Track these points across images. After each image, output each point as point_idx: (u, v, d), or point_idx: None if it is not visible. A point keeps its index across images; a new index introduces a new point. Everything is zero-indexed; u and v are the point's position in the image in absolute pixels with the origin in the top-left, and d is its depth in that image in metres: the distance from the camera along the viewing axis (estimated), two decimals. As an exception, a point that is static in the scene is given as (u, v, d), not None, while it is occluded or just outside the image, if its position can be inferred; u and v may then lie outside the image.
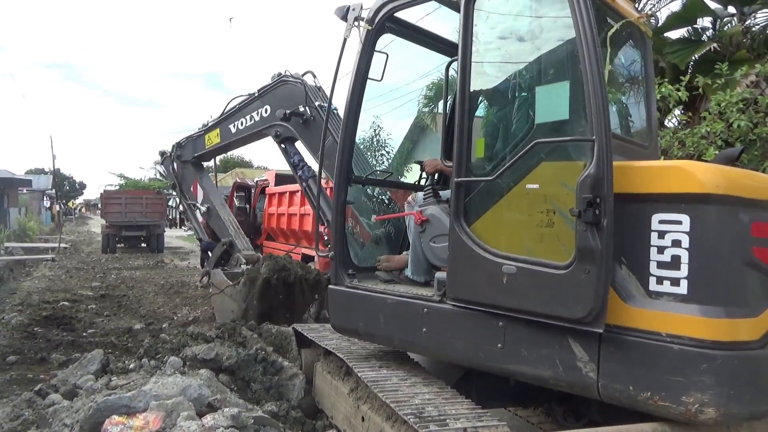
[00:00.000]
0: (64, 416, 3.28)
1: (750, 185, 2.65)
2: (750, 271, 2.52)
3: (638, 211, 2.62)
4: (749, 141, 6.61)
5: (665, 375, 2.47)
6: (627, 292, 2.62)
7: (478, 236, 3.13)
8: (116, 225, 21.97)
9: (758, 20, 9.11)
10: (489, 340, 3.09)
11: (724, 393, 2.38)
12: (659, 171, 2.68)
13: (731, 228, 2.50)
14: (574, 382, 2.77)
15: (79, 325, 8.28)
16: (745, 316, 2.48)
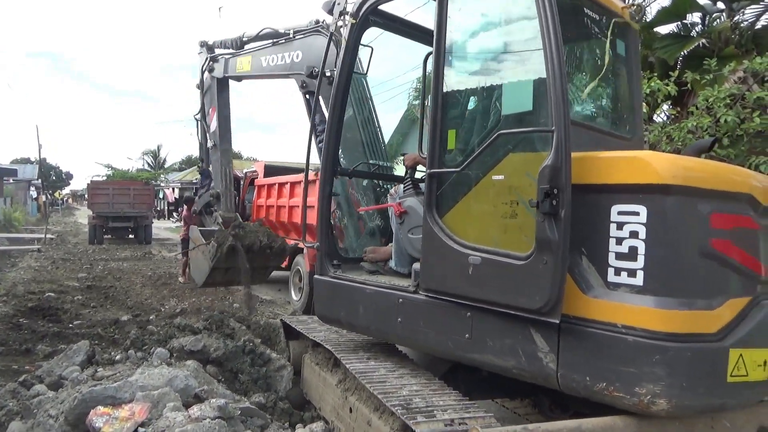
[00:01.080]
0: (49, 407, 3.25)
1: (710, 176, 2.61)
2: (709, 262, 2.50)
3: (598, 202, 2.62)
4: (736, 136, 6.67)
5: (620, 366, 2.47)
6: (586, 283, 2.63)
7: (449, 227, 3.18)
8: (103, 216, 21.73)
9: (747, 16, 9.19)
10: (458, 330, 3.13)
11: (676, 385, 2.39)
12: (618, 162, 2.65)
13: (689, 219, 2.48)
14: (535, 373, 2.79)
15: (65, 316, 8.19)
16: (701, 308, 2.46)
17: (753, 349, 2.51)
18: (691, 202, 2.49)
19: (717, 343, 2.46)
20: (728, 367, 2.45)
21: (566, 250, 2.55)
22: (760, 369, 2.54)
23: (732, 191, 2.60)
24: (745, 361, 2.49)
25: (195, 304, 9.32)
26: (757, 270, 2.62)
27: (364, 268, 4.25)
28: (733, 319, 2.51)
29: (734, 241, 2.54)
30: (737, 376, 2.47)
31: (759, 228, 2.64)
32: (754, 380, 2.52)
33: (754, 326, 2.53)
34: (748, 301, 2.57)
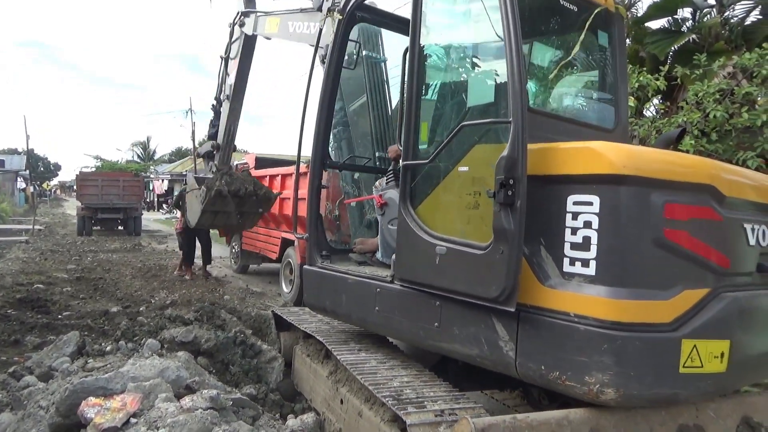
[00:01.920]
0: (40, 398, 3.24)
1: (665, 166, 2.58)
2: (662, 253, 2.48)
3: (556, 193, 2.63)
4: (725, 131, 6.74)
5: (572, 355, 2.49)
6: (544, 273, 2.65)
7: (421, 218, 3.25)
8: (92, 207, 21.55)
9: (737, 12, 9.26)
10: (428, 319, 3.20)
11: (623, 374, 2.39)
12: (573, 152, 2.66)
13: (641, 209, 2.47)
14: (496, 361, 2.84)
15: (54, 308, 8.13)
16: (653, 298, 2.46)
17: (709, 341, 2.50)
18: (644, 192, 2.47)
19: (669, 334, 2.45)
20: (681, 357, 2.45)
21: (521, 240, 2.58)
22: (716, 361, 2.53)
23: (690, 182, 2.58)
24: (699, 352, 2.48)
25: (185, 295, 9.29)
26: (718, 262, 2.60)
27: (352, 260, 4.33)
28: (689, 310, 2.50)
29: (692, 232, 2.53)
30: (690, 367, 2.47)
31: (722, 220, 2.61)
32: (710, 372, 2.51)
33: (711, 318, 2.52)
34: (706, 292, 2.55)
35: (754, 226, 2.78)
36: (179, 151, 64.43)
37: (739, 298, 2.65)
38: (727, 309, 2.56)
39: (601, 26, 3.73)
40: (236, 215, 8.41)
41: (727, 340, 2.54)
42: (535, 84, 3.90)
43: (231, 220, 8.57)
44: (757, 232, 2.79)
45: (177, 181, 44.79)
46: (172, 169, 49.46)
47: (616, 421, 2.58)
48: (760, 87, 6.61)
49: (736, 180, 2.81)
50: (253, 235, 12.09)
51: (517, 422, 2.42)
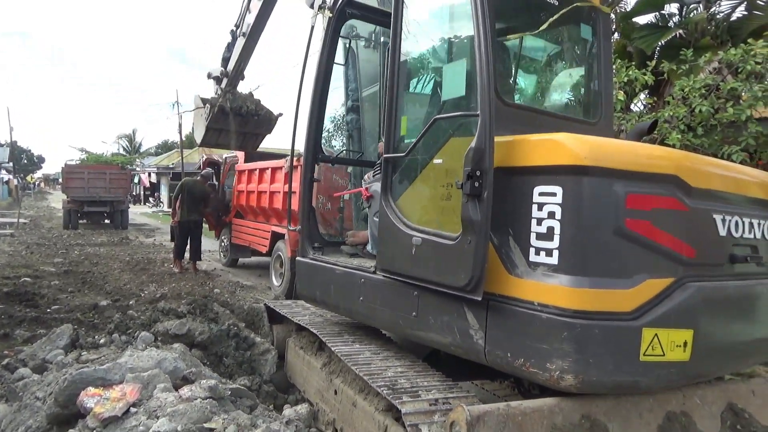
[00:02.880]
0: (36, 389, 3.26)
1: (627, 157, 2.60)
2: (624, 243, 2.50)
3: (524, 184, 2.68)
4: (710, 126, 6.84)
5: (535, 342, 2.55)
6: (512, 263, 2.71)
7: (400, 210, 3.34)
8: (78, 200, 21.34)
9: (722, 8, 9.37)
10: (407, 308, 3.28)
11: (582, 361, 2.43)
12: (538, 144, 2.70)
13: (602, 199, 2.49)
14: (468, 349, 2.92)
15: (43, 301, 8.09)
16: (614, 287, 2.48)
17: (671, 330, 2.53)
18: (605, 183, 2.49)
19: (629, 322, 2.48)
20: (641, 346, 2.47)
21: (488, 230, 2.65)
22: (679, 349, 2.55)
23: (654, 172, 2.60)
24: (661, 340, 2.51)
25: (175, 289, 9.28)
26: (683, 252, 2.61)
27: (343, 252, 4.43)
28: (652, 299, 2.52)
29: (654, 222, 2.54)
30: (651, 356, 2.49)
31: (688, 210, 2.62)
32: (673, 360, 2.54)
33: (673, 307, 2.54)
34: (670, 282, 2.57)
35: (725, 217, 2.79)
36: (166, 144, 63.85)
37: (706, 288, 2.67)
38: (691, 298, 2.58)
39: (584, 20, 3.77)
40: (239, 135, 9.07)
41: (690, 329, 2.57)
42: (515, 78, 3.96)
43: (234, 139, 9.12)
44: (729, 223, 2.81)
45: (164, 174, 44.45)
46: (158, 162, 49.00)
47: (607, 408, 2.65)
48: (745, 82, 6.70)
49: (705, 170, 2.83)
50: (242, 229, 12.07)
51: (511, 409, 2.48)
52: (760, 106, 6.44)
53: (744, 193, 2.98)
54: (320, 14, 4.37)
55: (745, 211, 2.92)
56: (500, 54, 3.86)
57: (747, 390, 3.11)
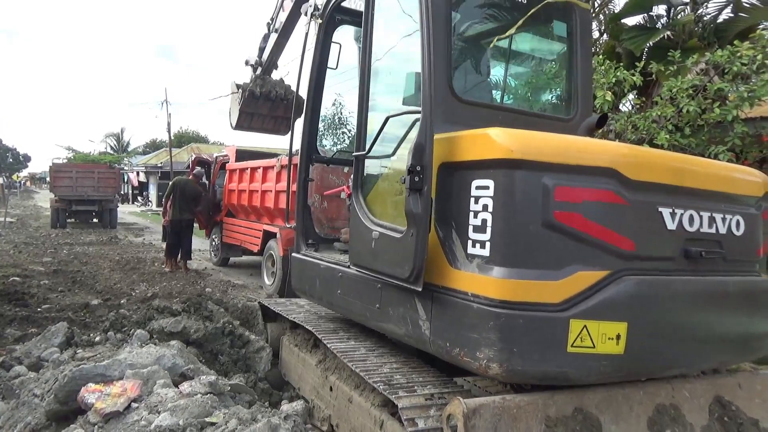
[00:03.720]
0: (33, 387, 3.27)
1: (558, 151, 2.61)
2: (553, 234, 2.52)
3: (464, 178, 2.74)
4: (697, 126, 6.95)
5: (467, 332, 2.62)
6: (453, 255, 2.77)
7: (365, 206, 3.47)
8: (66, 199, 21.19)
9: (709, 10, 9.49)
10: (372, 300, 3.40)
11: (506, 350, 2.47)
12: (474, 139, 2.75)
13: (531, 192, 2.52)
14: (417, 339, 3.01)
15: (33, 301, 8.04)
16: (542, 278, 2.50)
17: (602, 322, 2.52)
18: (535, 176, 2.51)
19: (556, 313, 2.49)
20: (569, 337, 2.48)
21: (427, 223, 2.74)
22: (611, 342, 2.54)
23: (588, 165, 2.60)
24: (590, 332, 2.50)
25: (166, 288, 9.27)
26: (620, 245, 2.61)
27: (336, 248, 4.53)
28: (583, 291, 2.52)
29: (586, 215, 2.54)
30: (580, 347, 2.50)
31: (627, 203, 2.61)
32: (605, 353, 2.53)
33: (605, 299, 2.54)
34: (605, 274, 2.57)
35: (676, 210, 2.77)
36: (154, 143, 63.46)
37: (646, 282, 2.67)
38: (625, 291, 2.58)
39: (558, 17, 3.82)
40: (271, 119, 9.63)
41: (623, 322, 2.56)
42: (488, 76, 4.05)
43: (266, 123, 9.67)
44: (681, 217, 2.78)
45: (152, 173, 44.20)
46: (146, 161, 48.73)
47: (598, 400, 2.72)
48: (731, 83, 6.82)
49: (648, 164, 2.79)
50: (233, 228, 12.06)
51: (506, 402, 2.53)
52: (746, 106, 6.56)
53: (703, 186, 2.92)
54: (312, 21, 4.50)
55: (704, 205, 2.88)
56: (464, 51, 3.98)
57: (734, 383, 3.18)
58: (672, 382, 2.97)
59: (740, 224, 3.02)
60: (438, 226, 2.82)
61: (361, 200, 3.52)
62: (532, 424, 2.54)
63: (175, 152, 37.84)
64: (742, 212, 3.05)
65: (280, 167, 9.74)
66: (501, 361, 2.48)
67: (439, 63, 2.99)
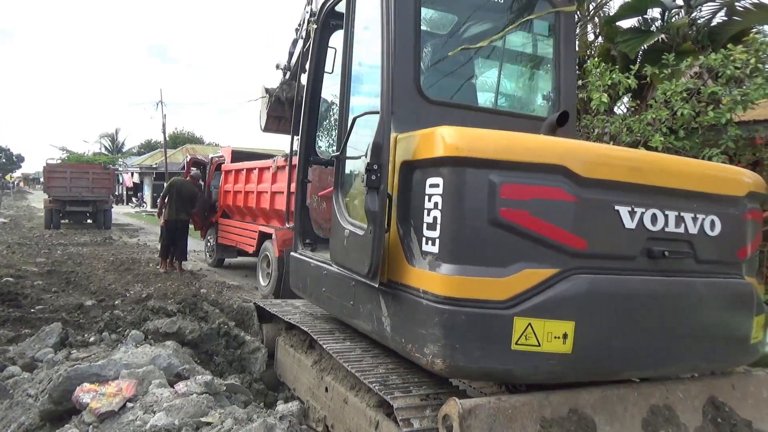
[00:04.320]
0: (27, 387, 3.25)
1: (505, 148, 2.58)
2: (499, 232, 2.50)
3: (421, 176, 2.77)
4: (691, 129, 6.99)
5: (417, 328, 2.65)
6: (410, 253, 2.80)
7: (345, 205, 3.56)
8: (60, 200, 21.12)
9: (703, 13, 9.55)
10: (347, 297, 3.47)
11: (449, 346, 2.48)
12: (426, 137, 2.76)
13: (477, 189, 2.51)
14: (381, 334, 3.07)
15: (26, 301, 7.99)
16: (487, 275, 2.49)
17: (549, 321, 2.50)
18: (481, 173, 2.50)
19: (500, 311, 2.47)
20: (513, 334, 2.46)
21: (383, 220, 2.79)
22: (558, 341, 2.51)
23: (536, 162, 2.57)
24: (535, 331, 2.48)
25: (160, 289, 9.23)
26: (569, 242, 2.57)
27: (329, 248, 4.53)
28: (530, 289, 2.51)
29: (533, 212, 2.52)
30: (524, 345, 2.48)
31: (577, 200, 2.57)
32: (551, 351, 2.50)
33: (551, 297, 2.51)
34: (554, 272, 2.54)
35: (635, 209, 2.70)
36: (149, 144, 63.30)
37: (598, 281, 2.62)
38: (573, 290, 2.54)
39: (540, 18, 3.84)
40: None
41: (571, 321, 2.52)
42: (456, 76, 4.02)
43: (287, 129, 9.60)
44: (642, 216, 2.72)
45: (147, 174, 44.07)
46: (141, 162, 48.60)
47: (594, 401, 2.73)
48: (725, 87, 6.86)
49: (603, 161, 2.74)
50: (228, 229, 12.04)
51: (502, 403, 2.54)
52: (739, 110, 6.60)
53: (669, 185, 2.84)
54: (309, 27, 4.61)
55: (670, 204, 2.81)
56: (439, 51, 4.01)
57: (727, 384, 3.20)
58: (666, 383, 2.99)
59: (715, 224, 2.93)
60: (399, 224, 2.87)
61: (339, 199, 3.61)
62: (527, 425, 2.55)
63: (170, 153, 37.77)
64: (719, 212, 2.95)
65: (275, 168, 9.74)
66: (444, 357, 2.50)
67: (402, 62, 3.05)
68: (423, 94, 3.21)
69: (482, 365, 2.51)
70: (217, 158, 13.27)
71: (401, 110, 3.04)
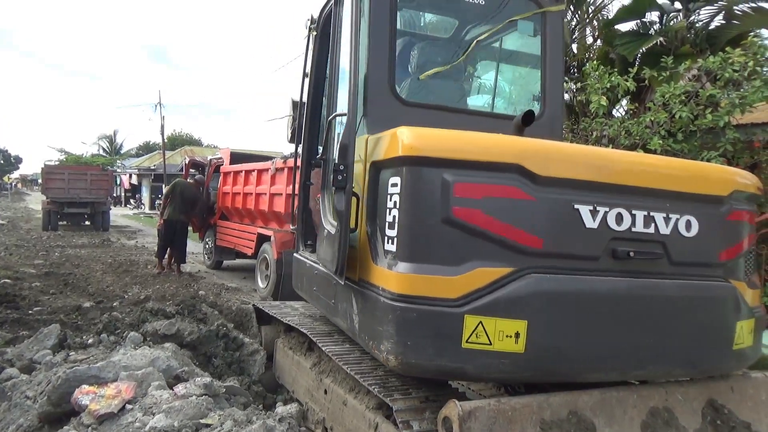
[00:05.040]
0: (26, 389, 3.24)
1: (459, 147, 2.58)
2: (452, 230, 2.50)
3: (384, 176, 2.81)
4: (690, 132, 7.01)
5: (376, 325, 2.68)
6: (375, 251, 2.83)
7: (325, 205, 3.64)
8: (58, 201, 21.08)
9: (702, 17, 9.58)
10: (330, 295, 3.51)
11: (401, 343, 2.51)
12: (388, 138, 2.79)
13: (431, 188, 2.52)
14: (353, 332, 3.11)
15: (24, 303, 7.97)
16: (439, 273, 2.49)
17: (500, 319, 2.48)
18: (435, 172, 2.51)
19: (450, 309, 2.47)
20: (464, 333, 2.46)
21: (348, 219, 2.85)
22: (510, 340, 2.48)
23: (491, 161, 2.56)
24: (486, 329, 2.47)
25: (159, 291, 9.22)
26: (524, 241, 2.55)
27: None
28: (482, 288, 2.49)
29: (486, 211, 2.51)
30: (475, 343, 2.47)
31: (533, 199, 2.55)
32: (503, 350, 2.48)
33: (504, 296, 2.49)
34: (507, 271, 2.52)
35: (598, 208, 2.63)
36: (147, 145, 63.27)
37: (553, 281, 2.58)
38: (525, 289, 2.52)
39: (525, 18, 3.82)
40: None
41: (523, 320, 2.49)
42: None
43: None
44: (605, 215, 2.65)
45: (145, 175, 44.03)
46: (139, 163, 48.55)
47: (593, 403, 2.73)
48: (723, 90, 6.88)
49: (561, 160, 2.69)
50: (227, 231, 12.03)
51: (501, 405, 2.53)
52: (737, 113, 6.61)
53: (637, 184, 2.76)
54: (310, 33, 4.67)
55: (639, 203, 2.73)
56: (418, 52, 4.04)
57: (726, 386, 3.20)
58: (665, 386, 2.99)
59: (692, 225, 2.82)
60: (368, 223, 2.91)
61: (324, 200, 3.71)
62: (527, 427, 2.54)
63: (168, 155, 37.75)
64: (696, 212, 2.84)
65: (274, 170, 9.73)
66: (397, 354, 2.53)
67: (377, 64, 3.13)
68: (397, 95, 3.24)
69: (434, 362, 2.52)
70: (216, 160, 13.26)
71: (376, 111, 3.11)
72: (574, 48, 11.11)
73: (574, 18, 11.23)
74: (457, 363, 2.51)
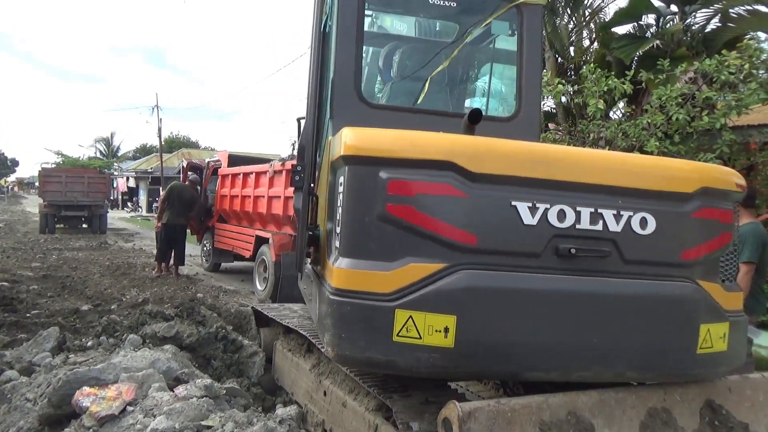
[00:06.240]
0: (25, 391, 3.24)
1: (394, 145, 2.61)
2: (386, 227, 2.55)
3: (337, 176, 2.87)
4: (686, 134, 7.04)
5: (323, 318, 2.75)
6: (330, 249, 2.92)
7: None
8: (55, 204, 21.04)
9: (698, 19, 9.63)
10: (312, 293, 3.59)
11: (337, 335, 2.58)
12: (339, 138, 2.81)
13: (366, 186, 2.58)
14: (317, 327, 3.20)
15: (21, 306, 7.94)
16: (374, 268, 2.55)
17: (429, 314, 2.49)
18: (372, 171, 2.57)
19: (382, 303, 2.51)
20: (394, 326, 2.49)
21: (305, 218, 2.96)
22: (439, 335, 2.50)
23: (424, 159, 2.56)
24: (416, 323, 2.49)
25: (157, 293, 9.20)
26: (457, 238, 2.55)
27: None
28: (414, 283, 2.52)
29: (419, 208, 2.53)
30: (405, 337, 2.50)
31: (467, 196, 2.55)
32: (432, 345, 2.50)
33: (434, 291, 2.51)
34: (440, 267, 2.53)
35: (537, 205, 2.59)
36: (144, 148, 63.19)
37: (485, 277, 2.57)
38: (454, 284, 2.52)
39: (502, 16, 3.76)
40: None
41: (452, 315, 2.50)
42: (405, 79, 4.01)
43: None
44: (546, 212, 2.60)
45: (142, 178, 43.98)
46: (136, 166, 48.49)
47: (592, 404, 2.74)
48: (719, 92, 6.93)
49: (499, 156, 2.66)
50: (225, 233, 12.03)
51: (501, 406, 2.54)
52: (733, 115, 6.65)
53: (583, 180, 2.68)
54: None
55: (585, 200, 2.65)
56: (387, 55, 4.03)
57: (724, 387, 3.21)
58: (664, 387, 3.00)
59: (648, 222, 2.71)
60: (327, 221, 3.00)
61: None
62: (526, 428, 2.55)
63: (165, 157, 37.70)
64: (653, 209, 2.73)
65: (272, 173, 9.74)
66: (333, 346, 2.60)
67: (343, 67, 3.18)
68: (363, 98, 3.27)
69: (366, 355, 2.56)
70: (214, 162, 13.26)
71: (342, 114, 3.13)
72: (572, 51, 11.15)
73: (571, 21, 11.28)
74: (388, 356, 2.54)
